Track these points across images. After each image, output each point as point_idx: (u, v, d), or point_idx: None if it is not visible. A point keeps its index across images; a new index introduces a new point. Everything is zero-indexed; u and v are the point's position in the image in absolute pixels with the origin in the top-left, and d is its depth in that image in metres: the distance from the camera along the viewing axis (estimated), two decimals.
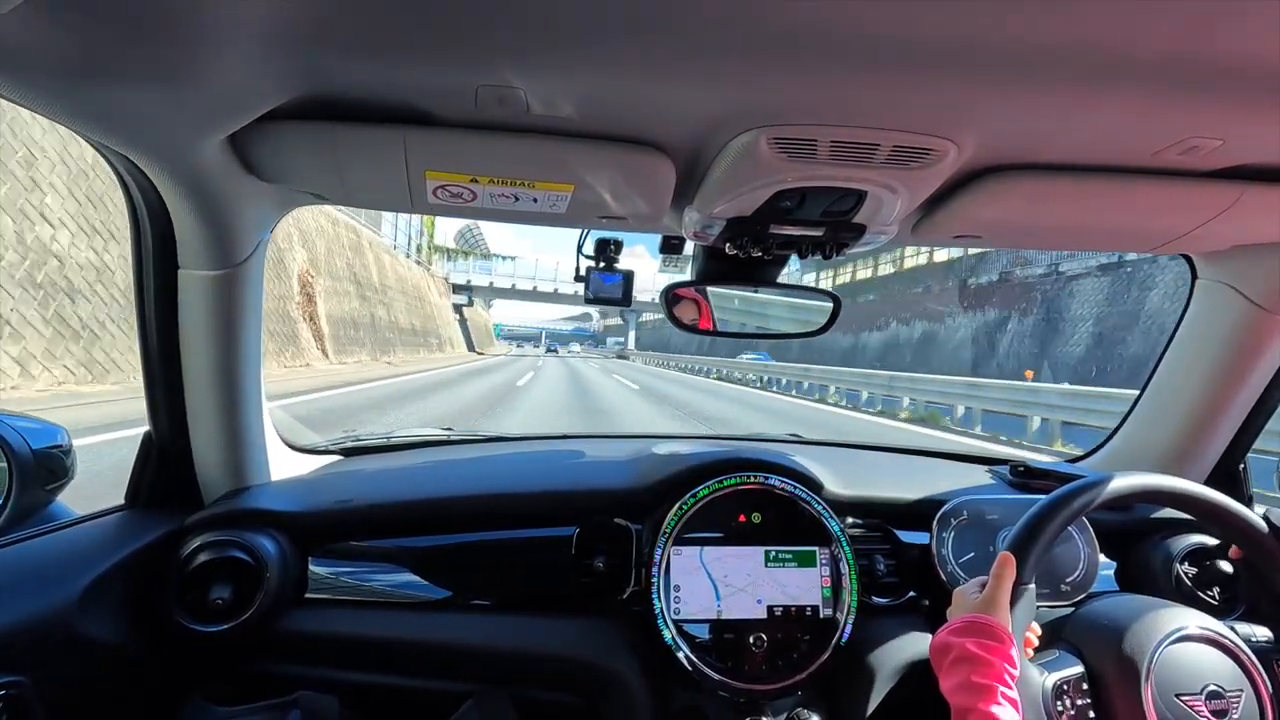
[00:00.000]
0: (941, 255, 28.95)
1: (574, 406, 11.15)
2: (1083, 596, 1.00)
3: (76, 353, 7.93)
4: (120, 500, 1.02)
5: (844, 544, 1.02)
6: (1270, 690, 0.73)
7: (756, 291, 1.19)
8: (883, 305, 32.41)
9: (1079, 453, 1.48)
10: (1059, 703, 0.72)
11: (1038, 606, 0.77)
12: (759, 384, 21.28)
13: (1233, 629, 0.78)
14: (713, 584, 0.99)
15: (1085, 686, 0.74)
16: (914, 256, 31.90)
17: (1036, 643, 0.79)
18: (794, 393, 18.02)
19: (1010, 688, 0.64)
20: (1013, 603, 0.72)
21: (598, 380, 19.27)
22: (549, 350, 79.98)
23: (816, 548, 1.03)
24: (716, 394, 16.37)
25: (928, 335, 28.49)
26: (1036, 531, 0.76)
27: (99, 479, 1.98)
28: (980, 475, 1.31)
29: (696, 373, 28.88)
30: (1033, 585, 0.75)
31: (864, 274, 36.40)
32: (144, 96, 0.61)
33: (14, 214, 7.31)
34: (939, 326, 28.28)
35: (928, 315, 29.01)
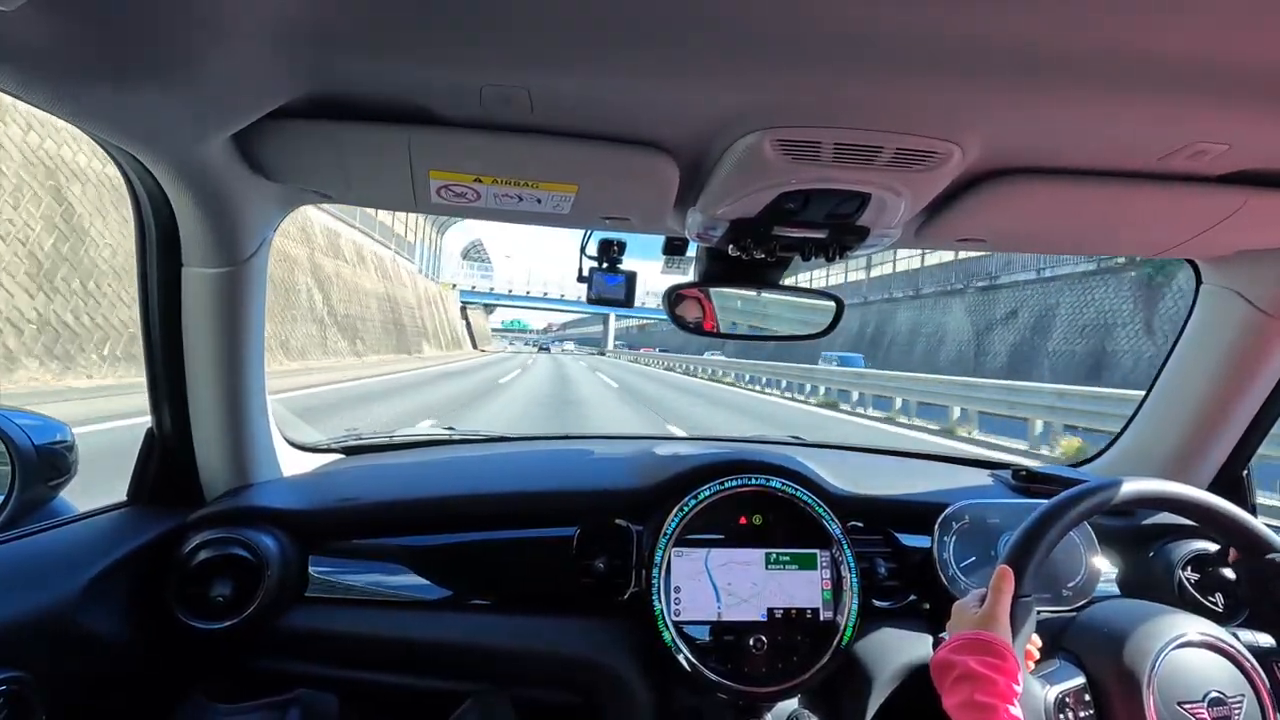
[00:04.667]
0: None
1: None
2: (1084, 602, 0.99)
3: None
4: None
5: (845, 547, 1.01)
6: (1270, 693, 0.72)
7: (760, 293, 1.19)
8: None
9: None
10: (1061, 716, 0.72)
11: (1039, 612, 0.76)
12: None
13: (1235, 635, 0.77)
14: (714, 588, 0.99)
15: (1087, 698, 0.74)
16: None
17: (1037, 655, 0.78)
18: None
19: (1014, 704, 0.64)
20: (1013, 616, 0.71)
21: None
22: (541, 349, 76.17)
23: (817, 550, 1.03)
24: None
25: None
26: (1034, 542, 0.76)
27: None
28: (982, 479, 1.31)
29: None
30: (1032, 597, 0.74)
31: None
32: (149, 95, 0.61)
33: None
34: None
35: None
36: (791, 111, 0.68)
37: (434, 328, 41.45)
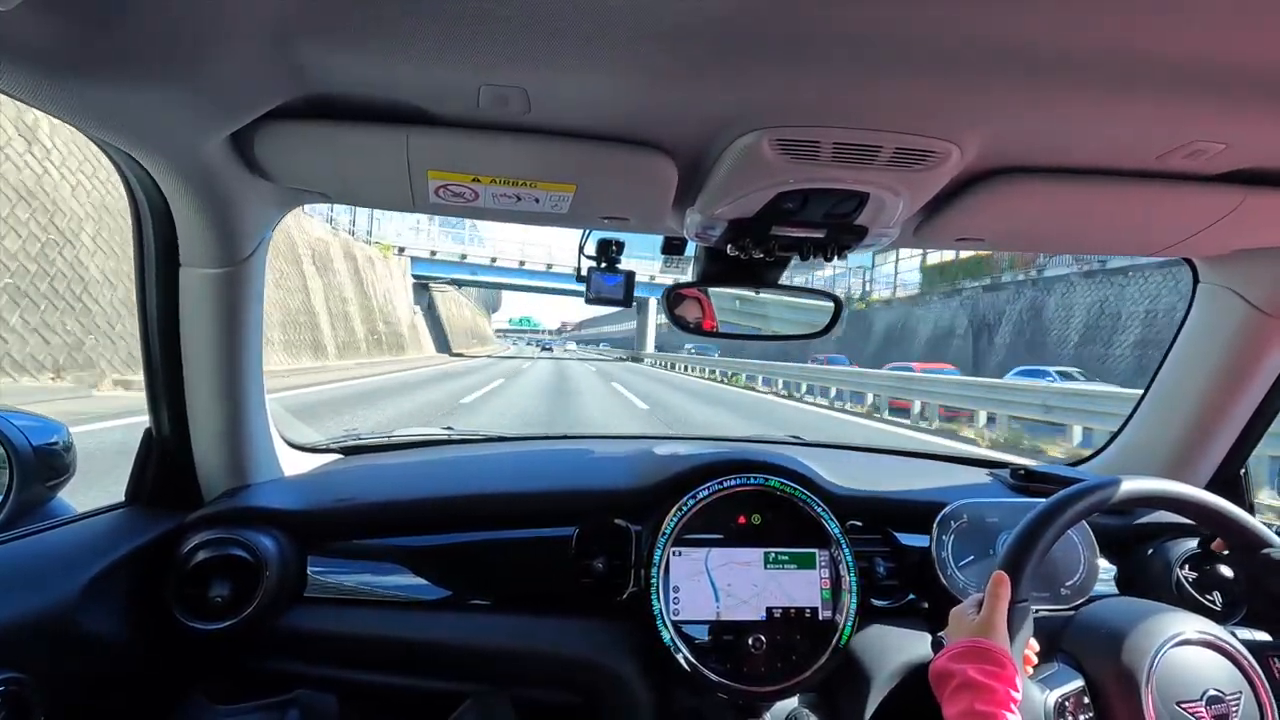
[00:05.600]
0: None
1: None
2: (1082, 601, 1.00)
3: None
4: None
5: (844, 546, 1.01)
6: (1268, 688, 0.73)
7: (758, 293, 1.19)
8: None
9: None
10: None
11: (1037, 610, 0.76)
12: None
13: (1233, 633, 0.77)
14: (713, 588, 0.99)
15: (1086, 700, 0.74)
16: None
17: (1036, 660, 0.79)
18: None
19: (1014, 712, 0.64)
20: (1010, 621, 0.72)
21: None
22: (543, 349, 70.05)
23: (816, 549, 1.03)
24: None
25: None
26: (1030, 545, 0.76)
27: None
28: (980, 477, 1.31)
29: None
30: (1029, 601, 0.75)
31: None
32: (147, 95, 0.61)
33: None
34: None
35: None
36: (790, 111, 0.68)
37: (295, 315, 18.59)
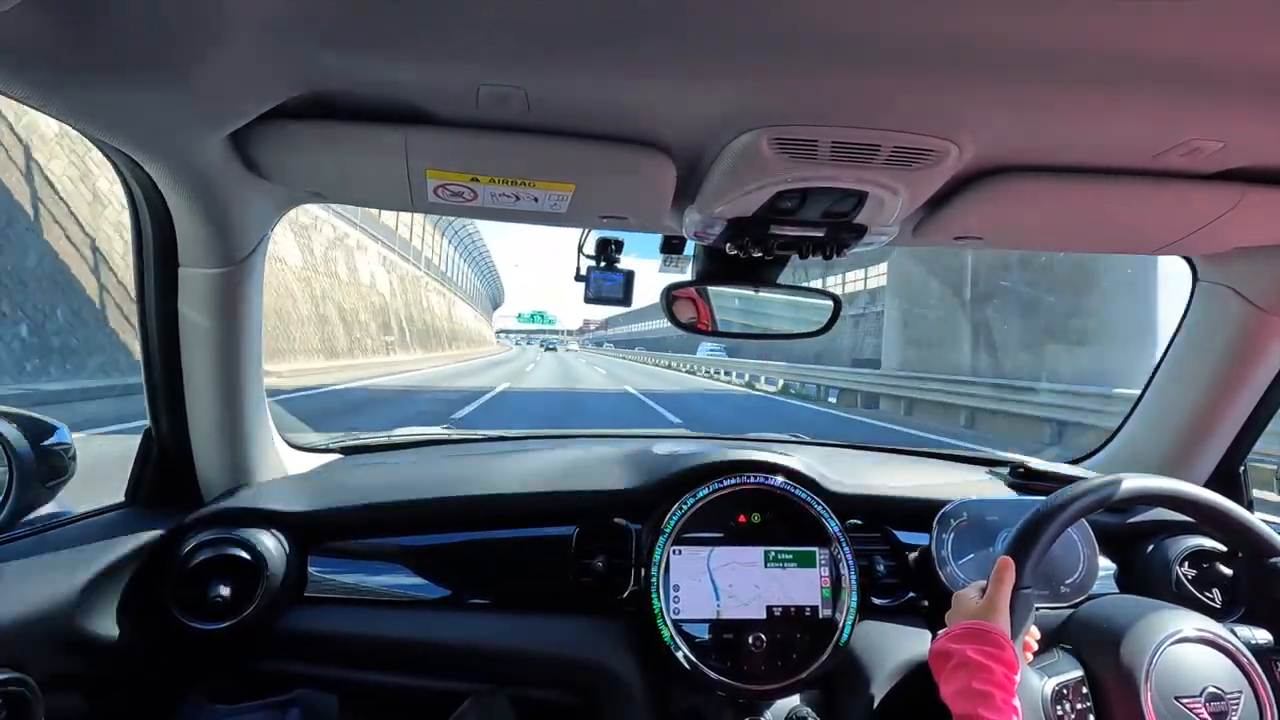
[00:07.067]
0: None
1: None
2: (1082, 598, 1.00)
3: None
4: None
5: (844, 544, 1.01)
6: (1269, 691, 0.73)
7: (757, 292, 1.19)
8: None
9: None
10: (1059, 707, 0.72)
11: (1037, 608, 0.77)
12: None
13: (1232, 631, 0.78)
14: (714, 586, 0.99)
15: (1085, 690, 0.74)
16: None
17: (1036, 646, 0.79)
18: None
19: (1011, 694, 0.64)
20: (1012, 607, 0.72)
21: None
22: (547, 349, 71.03)
23: (816, 548, 1.03)
24: None
25: None
26: (1035, 535, 0.76)
27: None
28: (980, 476, 1.31)
29: None
30: (1032, 589, 0.75)
31: None
32: (145, 95, 0.61)
33: None
34: None
35: None
36: (788, 110, 0.68)
37: None
